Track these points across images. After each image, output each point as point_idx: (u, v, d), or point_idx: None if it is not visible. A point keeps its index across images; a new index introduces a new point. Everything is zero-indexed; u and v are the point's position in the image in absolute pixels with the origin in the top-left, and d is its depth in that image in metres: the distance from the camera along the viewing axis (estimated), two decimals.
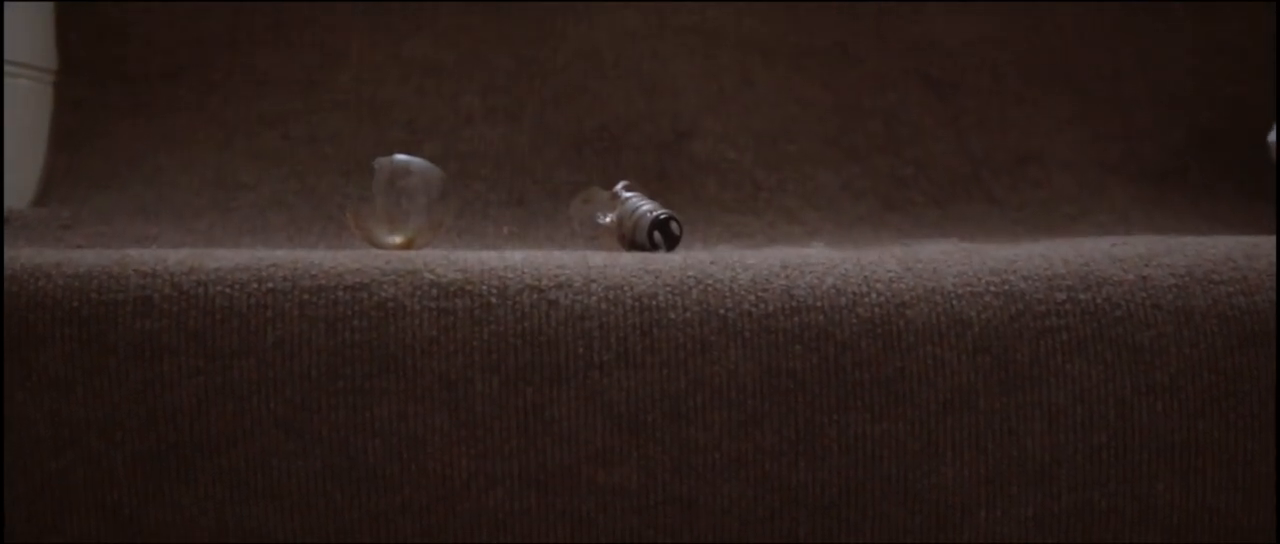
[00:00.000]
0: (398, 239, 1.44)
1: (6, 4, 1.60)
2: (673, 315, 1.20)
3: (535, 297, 1.20)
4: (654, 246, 1.37)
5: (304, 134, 1.66)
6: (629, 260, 1.25)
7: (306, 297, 1.19)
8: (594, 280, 1.21)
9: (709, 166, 1.67)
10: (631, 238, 1.39)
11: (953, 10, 1.75)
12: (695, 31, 1.73)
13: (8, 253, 1.12)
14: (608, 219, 1.42)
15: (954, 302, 1.23)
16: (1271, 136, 1.57)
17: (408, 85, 1.69)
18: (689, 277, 1.22)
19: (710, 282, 1.22)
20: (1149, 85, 1.76)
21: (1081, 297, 1.23)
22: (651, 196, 1.43)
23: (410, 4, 1.70)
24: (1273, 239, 1.26)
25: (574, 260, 1.24)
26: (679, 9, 1.73)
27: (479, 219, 1.61)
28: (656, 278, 1.22)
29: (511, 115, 1.68)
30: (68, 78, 1.66)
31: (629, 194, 1.42)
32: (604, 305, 1.20)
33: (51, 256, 1.21)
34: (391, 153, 1.66)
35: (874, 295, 1.22)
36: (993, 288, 1.23)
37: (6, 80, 1.60)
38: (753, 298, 1.21)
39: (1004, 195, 1.70)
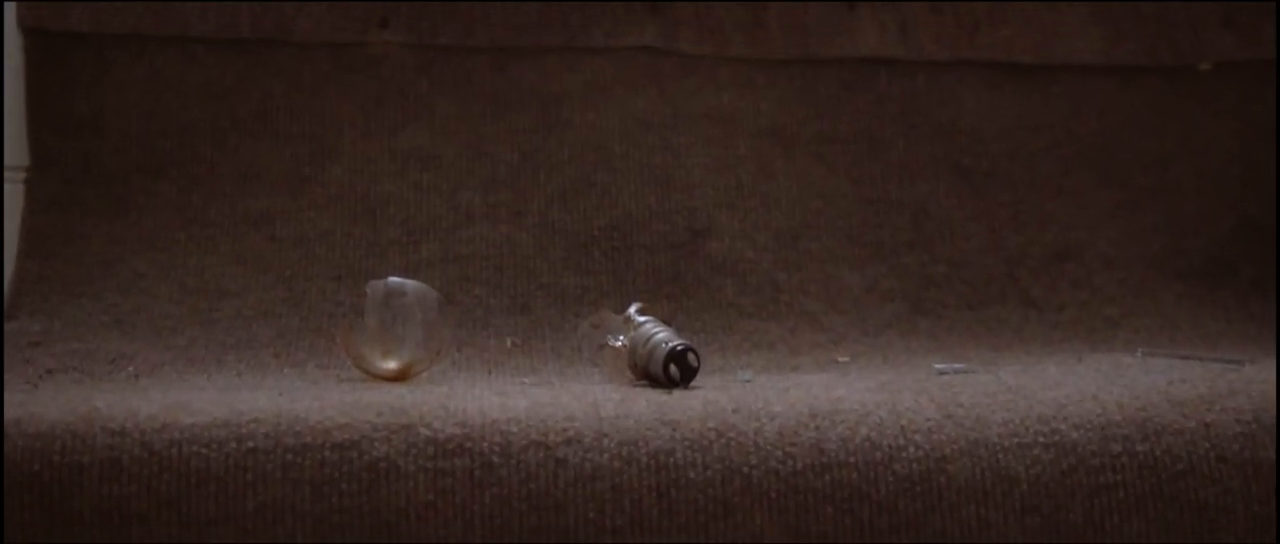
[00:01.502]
0: (392, 365, 1.35)
1: None
2: (692, 475, 1.11)
3: (541, 455, 1.11)
4: (669, 380, 1.28)
5: (292, 234, 1.57)
6: (643, 408, 1.15)
7: (290, 456, 1.10)
8: (606, 434, 1.12)
9: (726, 268, 1.58)
10: (645, 368, 1.30)
11: (985, 94, 1.67)
12: (710, 119, 1.64)
13: None
14: (619, 342, 1.33)
15: (1000, 455, 1.14)
16: None
17: (404, 180, 1.60)
18: (709, 429, 1.13)
19: (732, 435, 1.13)
20: (1193, 172, 1.67)
21: (1139, 448, 1.14)
22: (666, 319, 1.34)
23: (406, 92, 1.61)
24: None
25: (583, 408, 1.15)
26: (693, 95, 1.64)
27: (480, 329, 1.52)
28: (674, 431, 1.13)
29: (514, 213, 1.59)
30: (39, 175, 1.57)
31: (643, 319, 1.33)
32: (617, 464, 1.11)
33: (12, 409, 1.11)
34: (386, 254, 1.57)
35: (912, 449, 1.13)
36: (1042, 439, 1.14)
37: None
38: (779, 454, 1.12)
39: (1041, 296, 1.61)
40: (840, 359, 1.48)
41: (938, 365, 1.38)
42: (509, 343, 1.51)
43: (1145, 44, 1.68)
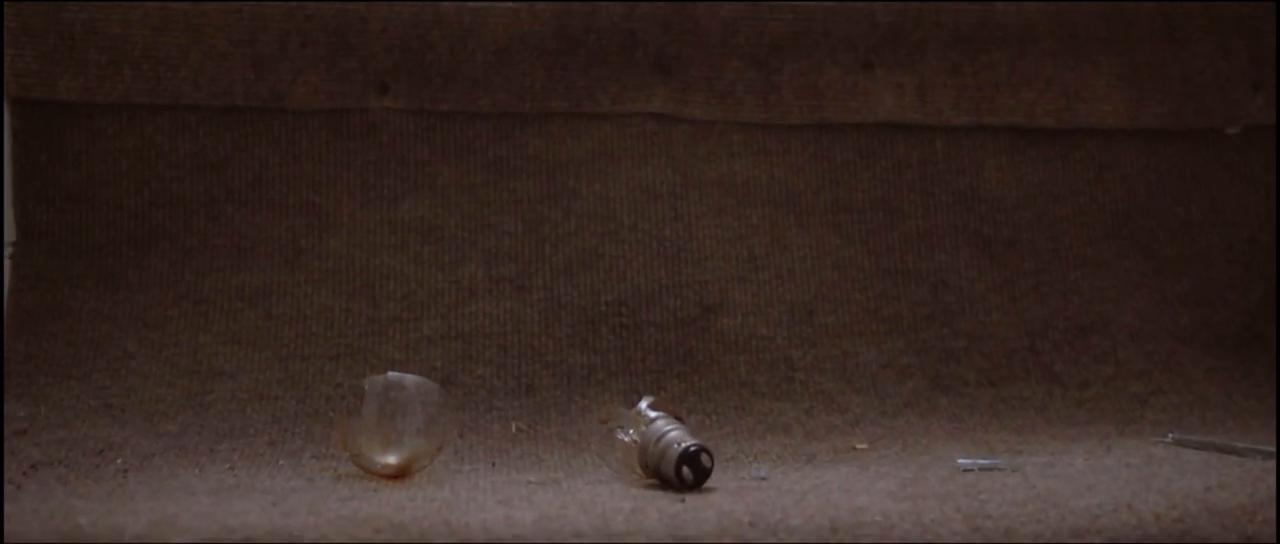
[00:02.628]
0: (392, 460, 1.30)
1: None
2: None
3: None
4: (682, 483, 1.23)
5: (289, 311, 1.52)
6: (655, 522, 1.11)
7: None
8: None
9: (739, 345, 1.53)
10: (656, 467, 1.25)
11: (1006, 160, 1.62)
12: (722, 187, 1.59)
13: None
14: (629, 436, 1.28)
15: None
16: None
17: (404, 252, 1.55)
18: None
19: None
20: (1222, 240, 1.62)
21: None
22: (677, 414, 1.29)
23: (406, 160, 1.57)
24: None
25: (592, 522, 1.10)
26: (704, 163, 1.59)
27: (484, 413, 1.47)
28: None
29: (519, 287, 1.54)
30: (27, 249, 1.52)
31: (655, 415, 1.28)
32: None
33: None
34: (386, 331, 1.52)
35: None
36: None
37: None
38: None
39: (1065, 371, 1.56)
40: (858, 446, 1.43)
41: (961, 461, 1.33)
42: (513, 428, 1.46)
43: (1172, 107, 1.63)
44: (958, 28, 1.62)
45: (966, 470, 1.29)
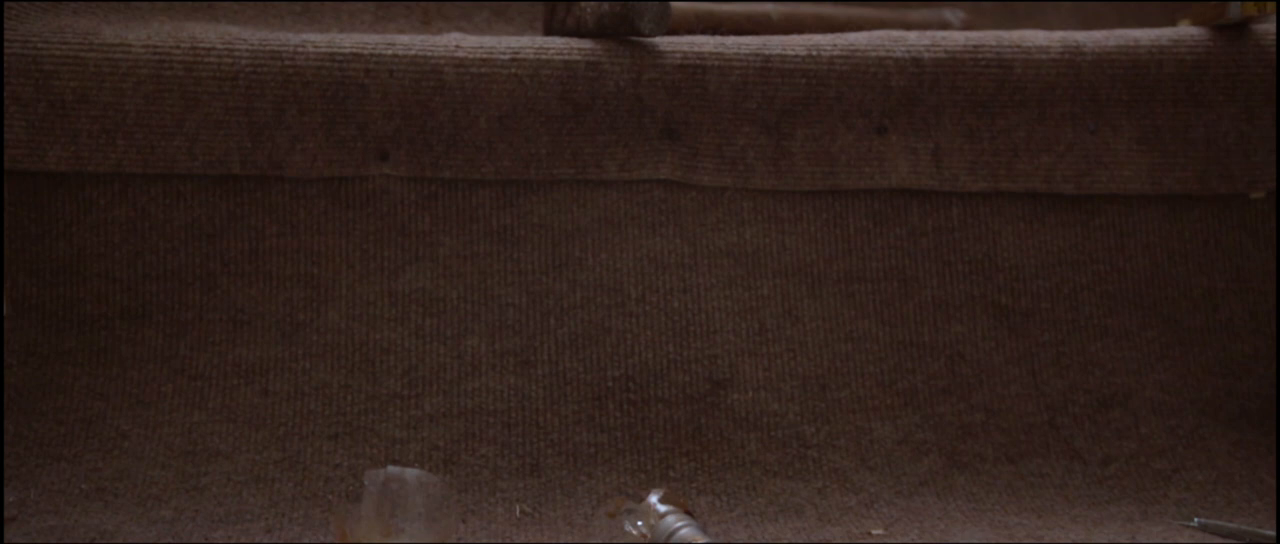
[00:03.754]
0: None
1: None
2: None
3: None
4: None
5: (286, 388, 1.49)
6: None
7: None
8: None
9: (750, 422, 1.50)
10: None
11: (1024, 227, 1.58)
12: (732, 257, 1.55)
13: None
14: (638, 528, 1.25)
15: None
16: None
17: (405, 326, 1.52)
18: None
19: None
20: (1247, 309, 1.59)
21: None
22: (688, 509, 1.26)
23: (407, 229, 1.53)
24: None
25: None
26: (713, 231, 1.56)
27: (487, 495, 1.44)
28: None
29: (523, 362, 1.51)
30: (16, 323, 1.49)
31: (665, 509, 1.24)
32: None
33: None
34: (386, 408, 1.49)
35: None
36: None
37: None
38: None
39: (1086, 447, 1.52)
40: (874, 532, 1.40)
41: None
42: (518, 511, 1.42)
43: (1195, 172, 1.60)
44: (974, 91, 1.58)
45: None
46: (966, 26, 1.86)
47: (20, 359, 1.49)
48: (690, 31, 1.69)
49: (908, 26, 1.83)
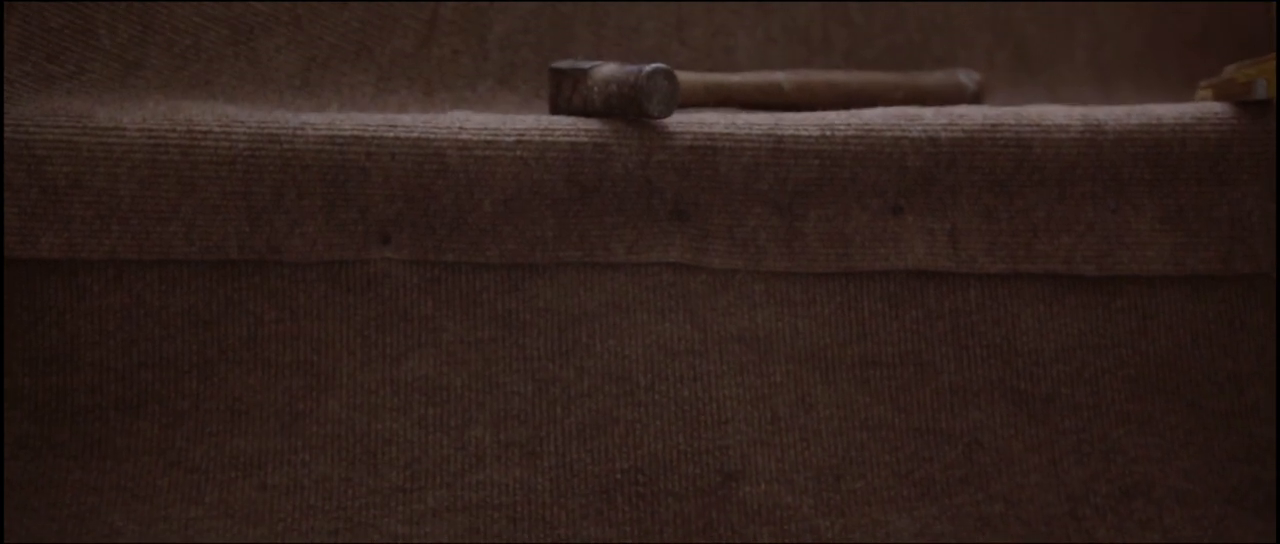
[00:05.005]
0: None
1: None
2: None
3: None
4: None
5: (285, 481, 1.46)
6: None
7: None
8: None
9: (762, 515, 1.47)
10: None
11: (1044, 309, 1.55)
12: (743, 343, 1.52)
13: None
14: None
15: None
16: None
17: (407, 416, 1.49)
18: None
19: None
20: (1273, 392, 1.55)
21: None
22: None
23: (410, 314, 1.50)
24: None
25: None
26: (724, 316, 1.52)
27: None
28: None
29: (529, 453, 1.48)
30: (9, 415, 1.46)
31: None
32: None
33: None
34: (388, 503, 1.46)
35: None
36: None
37: None
38: None
39: (1108, 539, 1.50)
40: None
41: None
42: None
43: (1219, 251, 1.57)
44: (993, 171, 1.55)
45: None
46: (981, 88, 1.84)
47: (11, 452, 1.46)
48: (700, 104, 1.66)
49: (922, 90, 1.81)
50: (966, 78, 1.84)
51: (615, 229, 1.52)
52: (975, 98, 1.84)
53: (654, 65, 1.50)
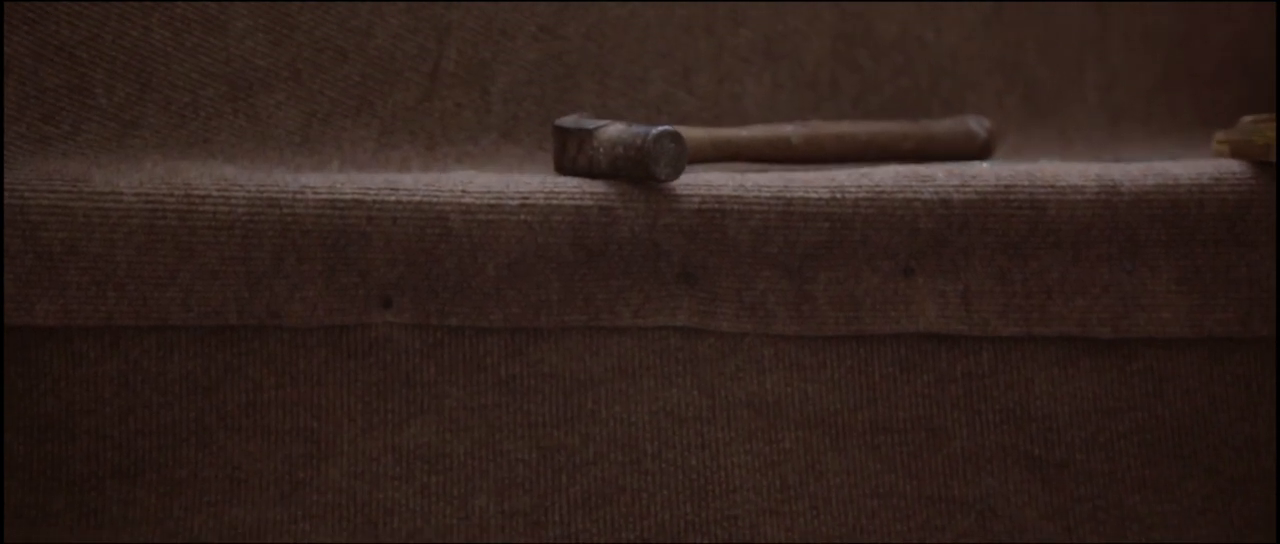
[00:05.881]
0: None
1: None
2: None
3: None
4: None
5: None
6: None
7: None
8: None
9: None
10: None
11: (1058, 373, 1.53)
12: (752, 408, 1.50)
13: None
14: None
15: None
16: None
17: (409, 484, 1.47)
18: None
19: None
20: None
21: None
22: None
23: (412, 380, 1.48)
24: None
25: None
26: (732, 380, 1.50)
27: None
28: None
29: (534, 523, 1.46)
30: (6, 484, 1.43)
31: None
32: None
33: None
34: None
35: None
36: None
37: None
38: None
39: None
40: None
41: None
42: None
43: (1237, 313, 1.54)
44: (1006, 233, 1.53)
45: None
46: (991, 135, 1.81)
47: (7, 522, 1.44)
48: (707, 160, 1.64)
49: (932, 139, 1.78)
50: (976, 125, 1.82)
51: (621, 292, 1.50)
52: (986, 145, 1.81)
53: (661, 127, 1.48)
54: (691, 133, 1.62)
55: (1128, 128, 1.97)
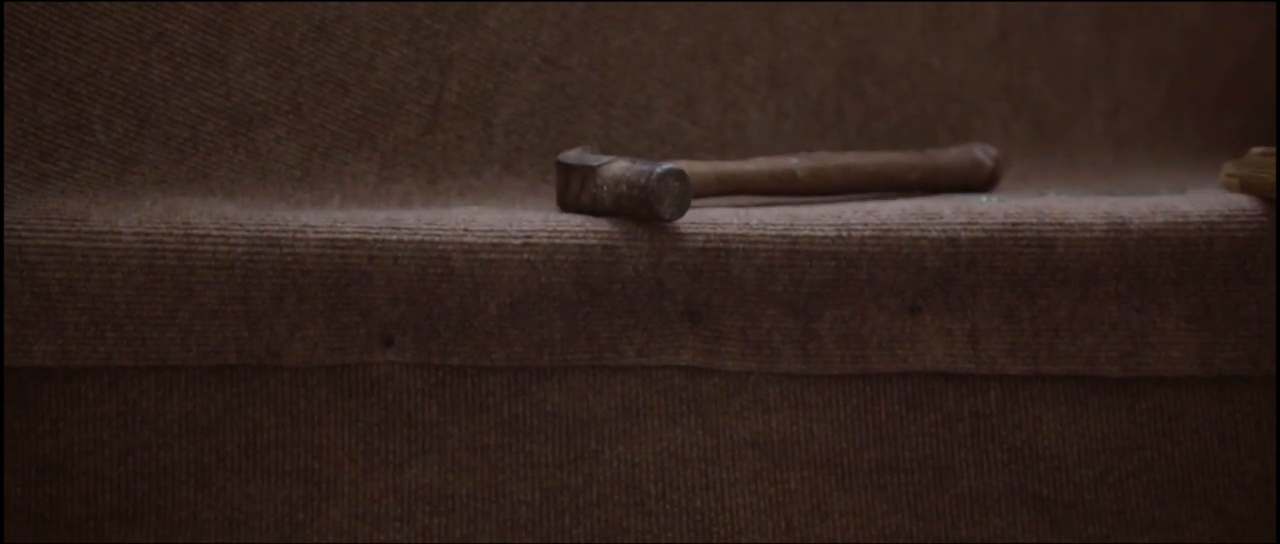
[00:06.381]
0: None
1: None
2: None
3: None
4: None
5: None
6: None
7: None
8: None
9: None
10: None
11: (1066, 412, 1.52)
12: (757, 448, 1.49)
13: None
14: None
15: None
16: None
17: (411, 525, 1.46)
18: None
19: None
20: None
21: None
22: None
23: (414, 420, 1.47)
24: None
25: None
26: (737, 420, 1.49)
27: None
28: None
29: None
30: (4, 527, 1.42)
31: None
32: None
33: None
34: None
35: None
36: None
37: None
38: None
39: None
40: None
41: None
42: None
43: (1247, 352, 1.53)
44: (1014, 271, 1.51)
45: None
46: (998, 163, 1.80)
47: None
48: (712, 194, 1.62)
49: (939, 169, 1.77)
50: (983, 153, 1.80)
51: (625, 331, 1.49)
52: (993, 174, 1.80)
53: (665, 166, 1.47)
54: (695, 167, 1.61)
55: (1134, 153, 1.96)
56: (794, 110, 1.83)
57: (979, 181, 1.80)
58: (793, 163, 1.67)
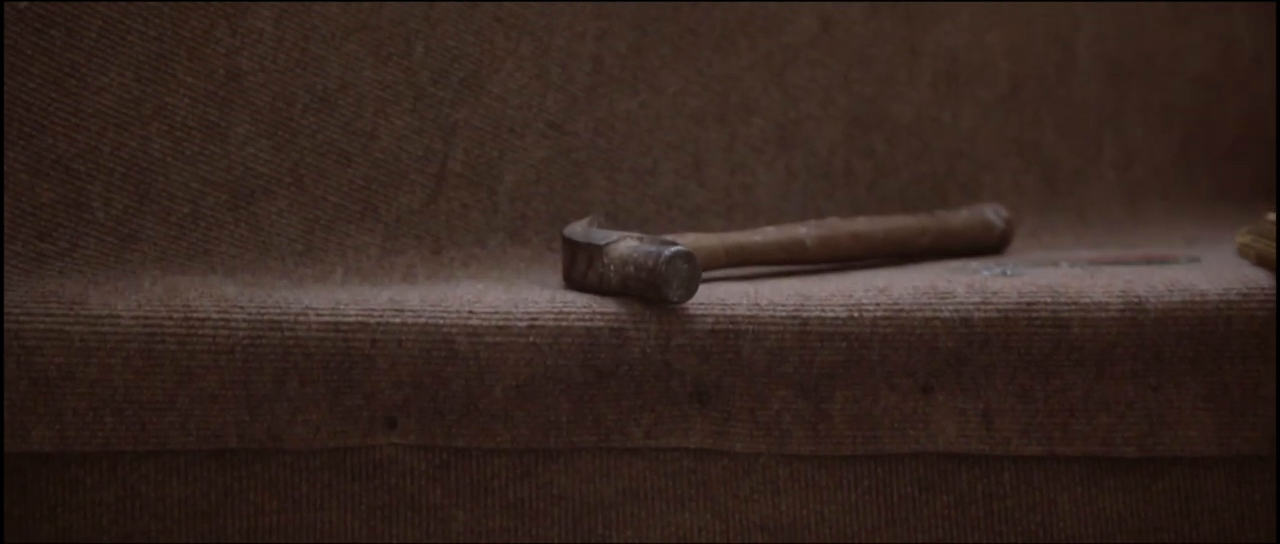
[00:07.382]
0: None
1: None
2: None
3: None
4: None
5: None
6: None
7: None
8: None
9: None
10: None
11: (1081, 493, 1.51)
12: (766, 532, 1.48)
13: None
14: None
15: None
16: None
17: None
18: None
19: None
20: None
21: None
22: None
23: (417, 504, 1.45)
24: None
25: None
26: (747, 503, 1.49)
27: None
28: None
29: None
30: None
31: None
32: None
33: None
34: None
35: None
36: None
37: None
38: None
39: None
40: None
41: None
42: None
43: (1265, 431, 1.51)
44: (1028, 351, 1.49)
45: None
46: (1010, 224, 1.78)
47: None
48: (721, 266, 1.60)
49: (949, 232, 1.75)
50: (994, 214, 1.78)
51: (633, 412, 1.46)
52: (1004, 235, 1.78)
53: (674, 248, 1.44)
54: (704, 241, 1.58)
55: (1146, 205, 1.94)
56: (802, 170, 1.80)
57: (990, 243, 1.77)
58: (801, 232, 1.65)
